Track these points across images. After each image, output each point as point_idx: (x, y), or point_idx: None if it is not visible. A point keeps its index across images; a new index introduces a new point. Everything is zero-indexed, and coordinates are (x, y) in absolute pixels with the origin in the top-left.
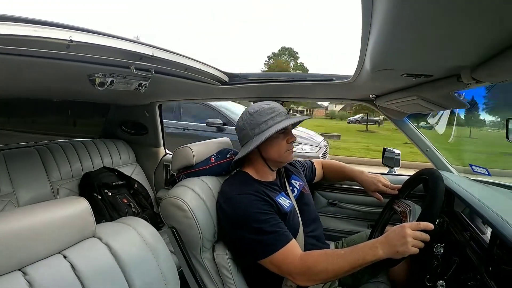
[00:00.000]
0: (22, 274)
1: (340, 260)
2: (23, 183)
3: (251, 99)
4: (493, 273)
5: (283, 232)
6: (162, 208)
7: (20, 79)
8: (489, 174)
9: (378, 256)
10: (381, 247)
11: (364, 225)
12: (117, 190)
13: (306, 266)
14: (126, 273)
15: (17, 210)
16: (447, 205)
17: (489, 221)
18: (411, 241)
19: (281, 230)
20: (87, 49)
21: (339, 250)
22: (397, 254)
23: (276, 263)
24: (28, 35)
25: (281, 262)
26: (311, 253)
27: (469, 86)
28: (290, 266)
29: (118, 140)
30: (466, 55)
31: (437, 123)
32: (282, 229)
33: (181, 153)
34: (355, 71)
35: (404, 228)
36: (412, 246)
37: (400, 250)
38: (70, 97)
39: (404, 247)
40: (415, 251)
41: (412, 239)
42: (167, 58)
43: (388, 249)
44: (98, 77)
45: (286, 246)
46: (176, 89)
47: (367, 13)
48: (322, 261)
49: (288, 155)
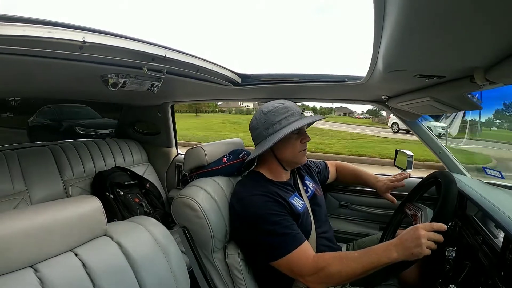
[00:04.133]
0: (34, 271)
1: (354, 263)
2: (36, 182)
3: (263, 100)
4: (505, 278)
5: (295, 233)
6: (174, 207)
7: (34, 80)
8: (502, 177)
9: (392, 258)
10: (395, 249)
11: (375, 228)
12: (129, 189)
13: (318, 268)
14: (136, 272)
15: (30, 208)
16: (459, 208)
17: (502, 225)
18: (425, 242)
19: (293, 232)
20: (100, 50)
21: (352, 253)
22: (411, 256)
23: (288, 265)
24: (42, 36)
25: (293, 264)
26: (324, 255)
27: (482, 87)
28: (302, 268)
29: (130, 140)
30: (480, 56)
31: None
32: (295, 231)
33: (194, 153)
34: (367, 72)
35: (418, 229)
36: (426, 247)
37: (415, 251)
38: (83, 97)
39: (419, 248)
40: (429, 252)
41: (426, 240)
42: (179, 59)
43: (403, 251)
44: (111, 77)
45: (298, 248)
46: (188, 90)
47: (380, 14)
48: (335, 264)
49: (302, 155)
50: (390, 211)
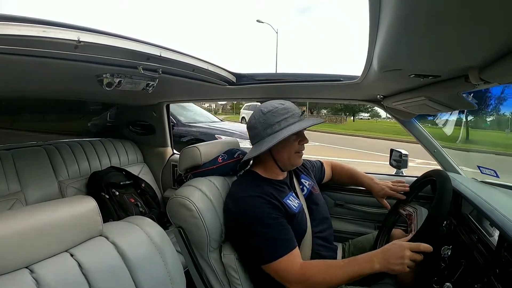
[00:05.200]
0: (29, 272)
1: (339, 272)
2: (31, 182)
3: (258, 100)
4: (501, 276)
5: (287, 239)
6: (169, 207)
7: (29, 79)
8: (497, 176)
9: (375, 270)
10: (378, 262)
11: (371, 226)
12: (124, 189)
13: (305, 277)
14: (132, 272)
15: (25, 208)
16: (454, 207)
17: (497, 224)
18: (407, 262)
19: (285, 237)
20: (95, 50)
21: (338, 262)
22: (392, 271)
23: (276, 270)
24: (37, 35)
25: (281, 270)
26: (311, 263)
27: (477, 86)
28: (289, 275)
29: (125, 140)
30: (474, 56)
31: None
32: (286, 236)
33: (189, 153)
34: (362, 72)
35: (404, 249)
36: (407, 266)
37: (396, 269)
38: (78, 97)
39: (400, 267)
40: (409, 270)
41: (409, 261)
42: (174, 58)
43: (385, 265)
44: (106, 77)
45: (287, 255)
46: (183, 90)
47: (375, 13)
48: (321, 273)
49: (297, 157)
50: (386, 210)
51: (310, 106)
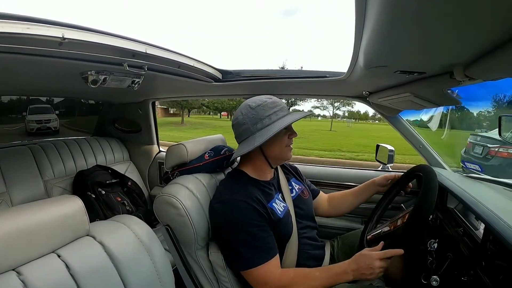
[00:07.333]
0: (16, 274)
1: (315, 282)
2: (17, 182)
3: (245, 96)
4: (487, 268)
5: (267, 248)
6: (156, 206)
7: (13, 77)
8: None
9: (349, 280)
10: (352, 273)
11: (358, 221)
12: (110, 188)
13: (282, 286)
14: (120, 272)
15: (11, 209)
16: (440, 201)
17: (482, 217)
18: (379, 271)
19: (264, 246)
20: (79, 47)
21: (315, 272)
22: (366, 280)
23: (254, 277)
24: (20, 32)
25: (259, 278)
26: (289, 272)
27: (462, 83)
28: (267, 284)
29: (111, 138)
30: (459, 53)
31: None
32: (266, 245)
33: (175, 150)
34: (348, 68)
35: (373, 261)
36: (378, 272)
37: (369, 277)
38: (63, 95)
39: (373, 275)
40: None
41: (379, 269)
42: (160, 55)
43: (359, 275)
44: (91, 74)
45: (266, 263)
46: (169, 87)
47: (361, 10)
48: (298, 283)
49: (288, 151)
50: (372, 205)
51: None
